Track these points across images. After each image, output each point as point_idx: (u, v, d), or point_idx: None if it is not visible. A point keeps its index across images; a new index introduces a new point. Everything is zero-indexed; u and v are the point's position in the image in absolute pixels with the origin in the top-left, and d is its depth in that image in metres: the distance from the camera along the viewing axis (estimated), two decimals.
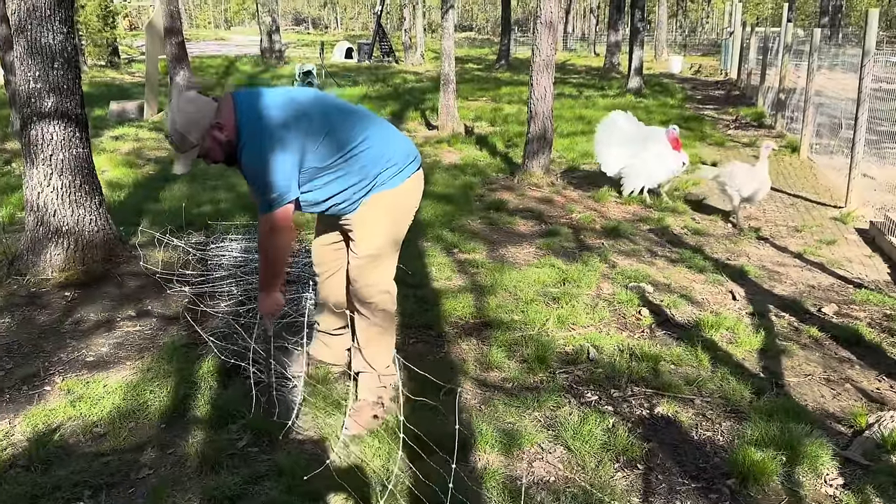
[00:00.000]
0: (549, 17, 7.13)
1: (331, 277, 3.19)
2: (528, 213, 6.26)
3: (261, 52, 22.96)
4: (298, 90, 2.92)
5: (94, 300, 4.15)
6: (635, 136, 6.80)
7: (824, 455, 2.76)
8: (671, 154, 6.60)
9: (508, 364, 3.50)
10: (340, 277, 3.16)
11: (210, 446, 2.76)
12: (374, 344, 3.01)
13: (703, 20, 56.52)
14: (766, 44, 13.27)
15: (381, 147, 2.84)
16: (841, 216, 6.35)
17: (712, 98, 16.00)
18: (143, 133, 9.83)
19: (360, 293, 2.93)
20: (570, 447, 2.82)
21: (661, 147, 6.61)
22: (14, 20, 4.25)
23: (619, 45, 20.63)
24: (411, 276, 4.54)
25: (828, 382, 3.43)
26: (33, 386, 3.23)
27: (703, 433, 2.98)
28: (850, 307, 4.34)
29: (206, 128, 2.64)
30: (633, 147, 6.74)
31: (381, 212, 2.87)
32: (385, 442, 2.78)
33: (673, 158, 6.60)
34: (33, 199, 4.41)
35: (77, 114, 4.45)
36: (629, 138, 6.80)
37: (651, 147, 6.64)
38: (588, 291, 4.43)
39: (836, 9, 29.40)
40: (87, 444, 2.81)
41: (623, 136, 6.84)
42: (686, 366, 3.53)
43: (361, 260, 2.89)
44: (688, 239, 5.72)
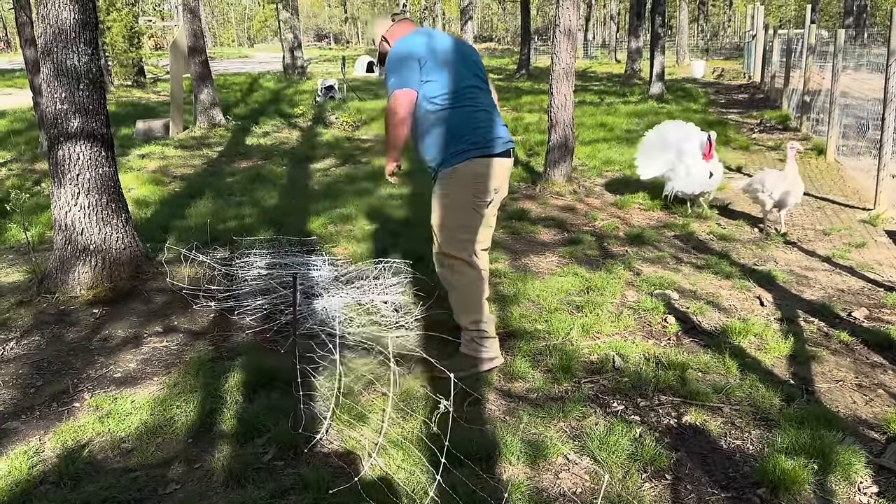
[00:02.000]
0: (567, 26, 7.12)
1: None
2: (551, 222, 6.24)
3: (283, 68, 23.22)
4: (465, 45, 3.59)
5: (121, 317, 4.21)
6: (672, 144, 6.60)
7: (857, 463, 2.70)
8: (699, 165, 6.36)
9: (533, 374, 3.48)
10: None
11: (236, 460, 2.77)
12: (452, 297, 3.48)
13: (724, 24, 56.11)
14: (790, 46, 13.14)
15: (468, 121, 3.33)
16: (870, 218, 6.24)
17: (736, 102, 15.86)
18: (169, 151, 9.97)
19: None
20: (596, 457, 2.80)
21: (691, 157, 6.39)
22: (40, 43, 4.34)
23: (640, 51, 20.55)
24: (433, 286, 4.53)
25: (860, 388, 3.36)
26: (62, 402, 3.28)
27: (732, 442, 2.93)
28: (881, 311, 4.26)
29: (382, 39, 3.55)
30: (667, 155, 6.60)
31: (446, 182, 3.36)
32: (411, 456, 2.78)
33: (699, 169, 6.36)
34: (61, 219, 4.48)
35: (103, 134, 4.53)
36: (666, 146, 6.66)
37: (684, 157, 6.44)
38: (612, 299, 4.40)
39: (861, 9, 29.00)
40: (115, 460, 2.84)
41: (661, 144, 6.71)
42: (714, 373, 3.48)
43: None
44: (713, 244, 5.65)
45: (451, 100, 3.29)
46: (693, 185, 6.43)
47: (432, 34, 3.44)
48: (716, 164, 6.41)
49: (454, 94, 3.30)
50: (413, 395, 3.25)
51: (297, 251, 5.24)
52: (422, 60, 3.27)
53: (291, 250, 5.25)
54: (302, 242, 5.42)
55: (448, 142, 3.30)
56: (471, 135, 3.30)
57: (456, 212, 3.35)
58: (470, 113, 3.33)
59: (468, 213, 3.35)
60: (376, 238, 5.57)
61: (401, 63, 3.28)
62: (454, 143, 3.29)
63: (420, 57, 3.28)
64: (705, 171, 6.35)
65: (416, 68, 3.27)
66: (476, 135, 3.31)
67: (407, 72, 3.26)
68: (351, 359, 3.59)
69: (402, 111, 3.26)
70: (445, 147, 3.31)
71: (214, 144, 10.67)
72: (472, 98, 3.34)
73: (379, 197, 7.08)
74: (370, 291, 4.44)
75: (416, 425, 2.98)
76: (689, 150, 6.43)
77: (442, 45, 3.38)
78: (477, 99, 3.37)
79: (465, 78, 3.35)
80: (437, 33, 3.49)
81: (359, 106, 14.02)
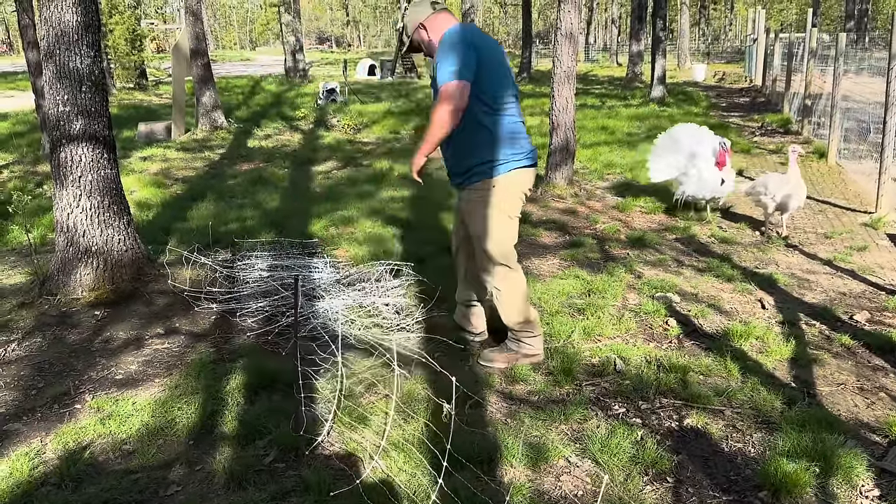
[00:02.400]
0: (569, 29, 7.13)
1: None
2: (552, 225, 6.24)
3: (285, 71, 23.25)
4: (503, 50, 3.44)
5: (123, 318, 4.21)
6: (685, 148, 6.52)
7: (859, 466, 2.70)
8: (712, 170, 6.29)
9: (534, 377, 3.48)
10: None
11: (237, 462, 2.77)
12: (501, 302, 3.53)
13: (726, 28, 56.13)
14: (791, 49, 13.15)
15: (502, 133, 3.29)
16: (871, 222, 6.24)
17: (737, 105, 15.87)
18: (171, 153, 9.98)
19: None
20: (598, 460, 2.79)
21: (703, 162, 6.32)
22: (43, 46, 4.35)
23: (641, 54, 20.56)
24: (435, 288, 4.54)
25: (861, 391, 3.36)
26: (64, 404, 3.28)
27: (733, 445, 2.93)
28: (882, 314, 4.26)
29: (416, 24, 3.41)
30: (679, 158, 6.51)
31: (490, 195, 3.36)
32: (413, 458, 2.77)
33: (711, 174, 6.29)
34: (63, 220, 4.49)
35: (105, 136, 4.54)
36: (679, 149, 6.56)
37: (696, 161, 6.36)
38: (614, 302, 4.40)
39: (862, 12, 29.04)
40: (116, 462, 2.84)
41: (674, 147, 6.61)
42: (715, 376, 3.48)
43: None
44: (715, 248, 5.65)
45: (499, 105, 3.26)
46: (704, 190, 6.36)
47: (482, 33, 3.38)
48: (728, 171, 6.34)
49: (502, 99, 3.27)
50: (414, 397, 3.25)
51: (298, 253, 5.24)
52: (482, 53, 3.17)
53: (293, 252, 5.25)
54: (303, 245, 5.43)
55: (496, 149, 3.26)
56: (518, 144, 3.32)
57: (506, 222, 3.39)
58: (515, 122, 3.33)
59: (514, 221, 3.43)
60: (378, 240, 5.57)
61: (460, 50, 3.11)
62: (503, 150, 3.27)
63: (480, 48, 3.18)
64: (717, 177, 6.28)
65: (474, 60, 3.13)
66: (521, 145, 3.33)
67: (467, 61, 3.09)
68: (352, 361, 3.59)
69: (458, 103, 3.09)
70: (493, 154, 3.27)
71: (216, 147, 10.69)
72: (514, 106, 3.35)
73: (380, 199, 7.08)
74: (372, 293, 4.44)
75: (418, 427, 2.98)
76: (701, 155, 6.36)
77: (491, 45, 3.32)
78: (517, 108, 3.38)
79: (509, 85, 3.33)
80: (483, 33, 3.42)
81: (360, 109, 14.03)
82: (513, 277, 3.49)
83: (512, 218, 3.42)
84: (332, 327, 3.92)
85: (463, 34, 3.23)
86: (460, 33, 3.24)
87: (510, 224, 3.42)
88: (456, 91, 3.08)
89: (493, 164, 3.30)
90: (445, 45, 3.20)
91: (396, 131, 12.05)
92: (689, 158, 6.43)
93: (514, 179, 3.34)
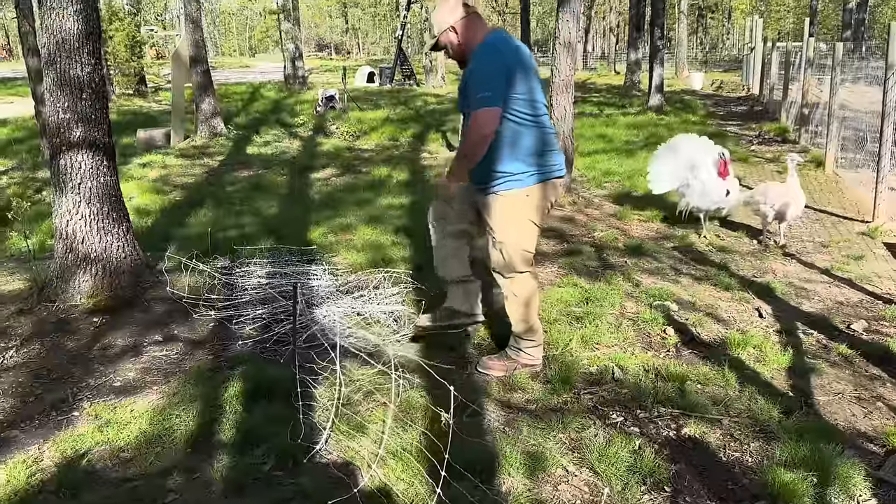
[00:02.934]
0: (567, 38, 7.15)
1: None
2: (550, 233, 6.25)
3: (284, 78, 23.27)
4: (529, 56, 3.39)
5: (121, 326, 4.21)
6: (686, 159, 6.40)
7: (856, 476, 2.70)
8: (715, 180, 6.18)
9: (532, 385, 3.48)
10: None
11: (235, 470, 2.77)
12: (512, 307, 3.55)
13: (723, 36, 56.35)
14: (788, 58, 13.20)
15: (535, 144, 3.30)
16: (868, 231, 6.26)
17: (735, 114, 15.92)
18: (170, 160, 9.99)
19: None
20: (596, 470, 2.80)
21: (706, 172, 6.21)
22: (44, 53, 4.36)
23: (639, 63, 20.62)
24: (434, 296, 4.54)
25: (858, 401, 3.37)
26: (62, 411, 3.27)
27: (731, 454, 2.93)
28: (879, 324, 4.27)
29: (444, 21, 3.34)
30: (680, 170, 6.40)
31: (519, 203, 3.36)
32: (411, 467, 2.78)
33: (715, 185, 6.17)
34: (62, 227, 4.50)
35: (105, 143, 4.54)
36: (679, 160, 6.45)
37: (699, 172, 6.24)
38: (612, 311, 4.40)
39: (859, 22, 29.14)
40: (114, 470, 2.83)
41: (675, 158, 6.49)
42: (713, 385, 3.48)
43: None
44: (713, 256, 5.67)
45: (533, 117, 3.29)
46: (708, 202, 6.24)
47: (514, 41, 3.37)
48: (732, 181, 6.23)
49: (536, 111, 3.30)
50: (413, 405, 3.25)
51: (297, 260, 5.24)
52: (512, 72, 3.21)
53: (291, 260, 5.26)
54: (302, 252, 5.43)
55: (525, 160, 3.29)
56: (547, 156, 3.34)
57: (528, 231, 3.42)
58: (547, 133, 3.36)
59: (535, 230, 3.45)
60: (376, 247, 5.58)
61: (496, 76, 3.18)
62: (532, 161, 3.30)
63: (512, 69, 3.21)
64: (721, 188, 6.15)
65: (506, 83, 3.19)
66: (550, 157, 3.36)
67: (501, 87, 3.17)
68: (351, 368, 3.59)
69: (489, 130, 3.18)
70: (527, 164, 3.30)
71: (215, 154, 10.70)
72: (546, 117, 3.38)
73: (379, 207, 7.09)
74: (370, 301, 4.45)
75: (416, 436, 2.98)
76: (703, 165, 6.24)
77: (526, 56, 3.33)
78: (548, 119, 3.42)
79: (541, 95, 3.35)
80: (515, 39, 3.41)
81: (359, 116, 14.06)
82: (529, 283, 3.51)
83: (534, 227, 3.44)
84: (331, 335, 3.92)
85: (498, 52, 3.24)
86: (496, 52, 3.23)
87: (534, 232, 3.45)
88: (488, 119, 3.16)
89: (527, 174, 3.31)
90: (483, 64, 3.23)
91: (395, 138, 12.06)
92: (690, 170, 6.32)
93: (544, 191, 3.37)
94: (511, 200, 3.34)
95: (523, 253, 3.43)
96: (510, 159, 3.29)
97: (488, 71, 3.20)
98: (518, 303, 3.52)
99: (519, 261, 3.43)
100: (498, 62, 3.20)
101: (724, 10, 53.01)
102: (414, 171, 9.10)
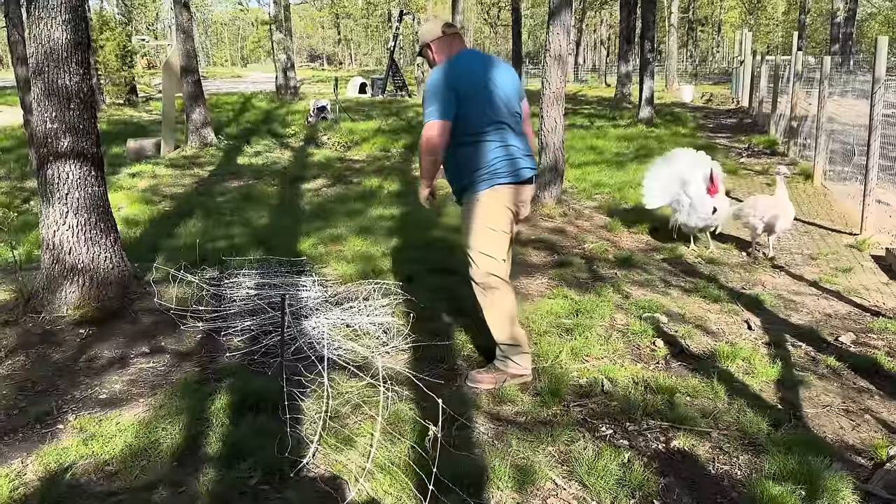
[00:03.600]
0: (558, 51, 7.19)
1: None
2: (541, 244, 6.25)
3: (276, 88, 23.29)
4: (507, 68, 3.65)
5: (108, 337, 4.18)
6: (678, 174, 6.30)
7: (845, 489, 2.70)
8: (703, 198, 6.04)
9: (522, 397, 3.47)
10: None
11: (221, 484, 2.75)
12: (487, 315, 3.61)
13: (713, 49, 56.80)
14: (777, 72, 13.31)
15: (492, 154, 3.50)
16: (856, 243, 6.29)
17: (724, 126, 16.02)
18: (160, 170, 9.96)
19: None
20: (585, 483, 2.78)
21: (695, 190, 6.10)
22: (32, 63, 4.34)
23: (629, 75, 20.74)
24: (423, 308, 4.53)
25: (847, 413, 3.37)
26: (46, 424, 3.24)
27: (720, 467, 2.93)
28: (867, 336, 4.28)
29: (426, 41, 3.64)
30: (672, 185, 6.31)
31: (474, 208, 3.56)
32: (399, 481, 2.75)
33: (703, 203, 6.03)
34: (49, 238, 4.46)
35: (93, 153, 4.52)
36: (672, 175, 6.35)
37: (688, 189, 6.14)
38: (601, 322, 4.40)
39: (847, 36, 29.46)
40: (98, 483, 2.80)
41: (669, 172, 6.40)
42: (702, 398, 3.48)
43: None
44: (702, 268, 5.68)
45: (481, 135, 3.48)
46: (696, 219, 6.10)
47: (476, 61, 3.59)
48: (721, 199, 6.09)
49: (485, 129, 3.48)
50: (401, 418, 3.23)
51: (286, 272, 5.22)
52: (460, 92, 3.42)
53: (281, 271, 5.23)
54: (291, 263, 5.41)
55: (480, 170, 3.50)
56: (501, 165, 3.50)
57: (489, 234, 3.54)
58: (496, 147, 3.51)
59: (498, 234, 3.56)
60: (366, 258, 5.56)
61: (439, 93, 3.41)
62: (485, 171, 3.50)
63: (458, 88, 3.42)
64: (709, 206, 6.02)
65: (453, 100, 3.41)
66: (504, 165, 3.51)
67: (444, 103, 3.40)
68: (339, 381, 3.57)
69: (435, 142, 3.42)
70: (472, 174, 3.53)
71: (206, 164, 10.67)
72: (500, 133, 3.51)
73: (370, 218, 7.08)
74: (360, 313, 4.43)
75: (404, 449, 2.96)
76: (694, 181, 6.11)
77: (483, 75, 3.51)
78: (504, 134, 3.53)
79: (498, 113, 3.50)
80: (480, 60, 3.61)
81: (351, 127, 14.06)
82: (499, 288, 3.56)
83: (496, 231, 3.53)
84: (319, 348, 3.90)
85: (450, 72, 3.47)
86: (445, 74, 3.46)
87: (493, 236, 3.53)
88: (432, 131, 3.42)
89: (478, 182, 3.53)
90: (431, 83, 3.47)
91: (387, 149, 12.08)
92: (682, 185, 6.20)
93: (495, 195, 3.52)
94: (466, 208, 3.59)
95: (487, 259, 3.52)
96: (463, 174, 3.57)
97: (432, 89, 3.44)
98: (494, 313, 3.58)
99: (480, 264, 3.53)
100: (442, 81, 3.43)
101: (713, 24, 53.46)
102: (405, 182, 9.10)
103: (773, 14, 48.07)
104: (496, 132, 3.51)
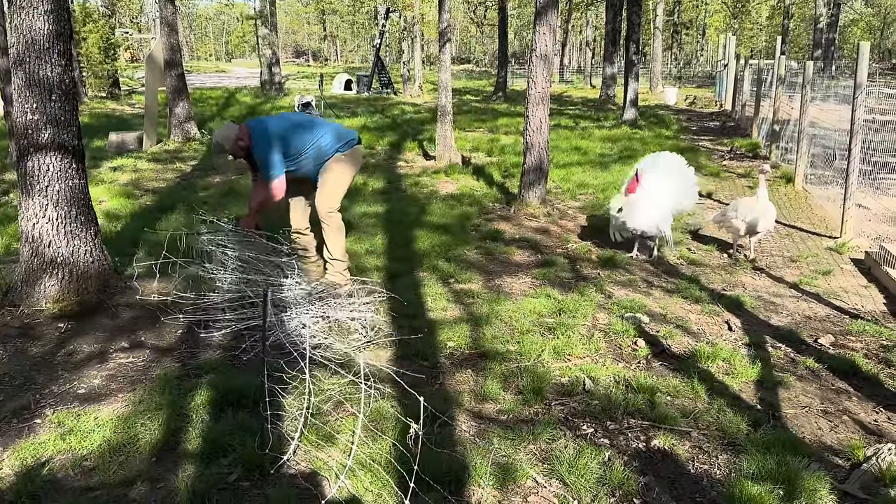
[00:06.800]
0: (544, 51, 7.20)
1: (307, 230, 5.07)
2: (525, 244, 6.26)
3: (261, 83, 23.18)
4: (287, 115, 4.92)
5: (87, 331, 4.13)
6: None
7: (822, 489, 2.73)
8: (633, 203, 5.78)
9: (504, 396, 3.48)
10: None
11: (200, 480, 2.73)
12: (330, 242, 4.85)
13: (697, 53, 57.17)
14: (760, 76, 13.42)
15: (326, 142, 4.77)
16: (836, 246, 6.36)
17: (707, 129, 16.12)
18: (142, 164, 9.87)
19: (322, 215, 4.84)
20: (565, 481, 2.79)
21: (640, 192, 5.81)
22: (13, 53, 4.29)
23: (614, 77, 20.82)
24: (406, 306, 4.52)
25: (825, 414, 3.41)
26: (23, 419, 3.20)
27: (699, 466, 2.95)
28: (846, 338, 4.33)
29: (233, 139, 4.65)
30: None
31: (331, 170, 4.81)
32: (379, 478, 2.75)
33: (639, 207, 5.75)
34: (29, 231, 4.41)
35: (74, 146, 4.47)
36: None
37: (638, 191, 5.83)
38: (584, 322, 4.42)
39: (829, 42, 29.80)
40: (76, 479, 2.77)
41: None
42: (682, 397, 3.51)
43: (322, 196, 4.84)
44: (684, 269, 5.72)
45: (301, 157, 4.70)
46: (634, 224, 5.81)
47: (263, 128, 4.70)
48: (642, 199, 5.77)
49: (300, 154, 4.69)
50: (383, 415, 3.22)
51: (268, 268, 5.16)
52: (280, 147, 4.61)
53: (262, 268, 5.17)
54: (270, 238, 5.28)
55: (319, 157, 4.75)
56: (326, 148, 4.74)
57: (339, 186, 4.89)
58: (314, 154, 4.73)
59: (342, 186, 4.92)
60: (350, 256, 5.53)
61: (273, 154, 4.57)
62: (323, 156, 4.76)
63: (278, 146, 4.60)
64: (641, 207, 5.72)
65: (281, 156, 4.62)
66: (330, 147, 4.75)
67: (279, 160, 4.58)
68: (321, 377, 3.56)
69: (280, 195, 4.65)
70: (321, 157, 4.76)
71: (188, 158, 10.59)
72: (315, 147, 4.73)
73: (354, 215, 7.05)
74: (342, 309, 4.41)
75: (386, 447, 2.96)
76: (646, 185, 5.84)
77: (279, 128, 4.69)
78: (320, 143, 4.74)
79: (304, 142, 4.69)
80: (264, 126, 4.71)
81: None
82: (340, 218, 4.90)
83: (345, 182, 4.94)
84: (301, 344, 3.88)
85: (267, 139, 4.61)
86: (265, 139, 4.60)
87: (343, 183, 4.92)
88: (274, 186, 4.59)
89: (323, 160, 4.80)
90: (259, 151, 4.58)
91: (372, 146, 12.03)
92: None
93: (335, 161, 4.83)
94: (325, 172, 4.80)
95: (338, 198, 4.86)
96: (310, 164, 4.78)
97: (266, 152, 4.61)
98: (336, 235, 4.82)
99: (336, 204, 4.83)
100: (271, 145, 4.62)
101: (698, 27, 53.82)
102: (390, 180, 9.08)
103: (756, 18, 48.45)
104: (314, 146, 4.77)
